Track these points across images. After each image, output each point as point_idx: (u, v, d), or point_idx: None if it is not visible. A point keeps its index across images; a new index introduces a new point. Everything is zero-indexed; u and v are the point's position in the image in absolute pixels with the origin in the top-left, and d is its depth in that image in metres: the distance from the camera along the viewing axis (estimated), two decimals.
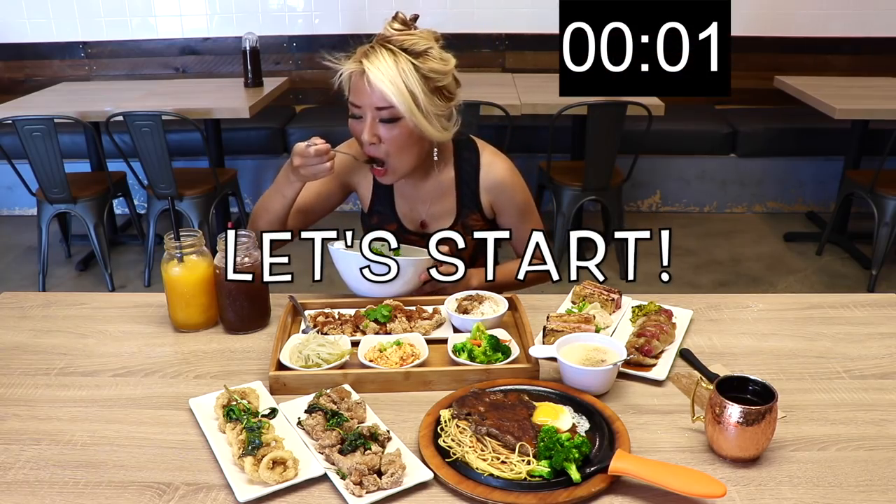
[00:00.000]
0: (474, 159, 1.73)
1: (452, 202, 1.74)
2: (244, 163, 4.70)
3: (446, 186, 1.73)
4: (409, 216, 1.76)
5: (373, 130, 1.54)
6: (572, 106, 3.50)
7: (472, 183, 1.72)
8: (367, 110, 1.53)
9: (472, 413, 1.16)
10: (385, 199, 1.77)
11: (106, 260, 3.76)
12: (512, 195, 1.74)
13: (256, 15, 4.95)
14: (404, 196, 1.76)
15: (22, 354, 1.45)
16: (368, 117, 1.53)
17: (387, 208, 1.77)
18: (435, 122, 1.56)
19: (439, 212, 1.75)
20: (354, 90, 1.54)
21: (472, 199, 1.73)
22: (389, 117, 1.52)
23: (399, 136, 1.54)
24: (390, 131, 1.54)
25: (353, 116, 1.57)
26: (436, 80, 1.54)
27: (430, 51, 1.53)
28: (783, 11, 4.81)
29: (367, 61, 1.50)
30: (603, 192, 3.77)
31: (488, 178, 1.72)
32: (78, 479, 1.09)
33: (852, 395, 1.29)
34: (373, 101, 1.51)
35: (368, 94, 1.51)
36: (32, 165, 3.51)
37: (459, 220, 1.74)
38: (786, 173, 4.71)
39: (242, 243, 1.50)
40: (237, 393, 1.23)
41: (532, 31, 4.85)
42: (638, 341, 1.39)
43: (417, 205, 1.75)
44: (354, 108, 1.56)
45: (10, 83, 4.97)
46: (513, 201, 1.75)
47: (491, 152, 1.75)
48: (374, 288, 1.54)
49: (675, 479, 1.02)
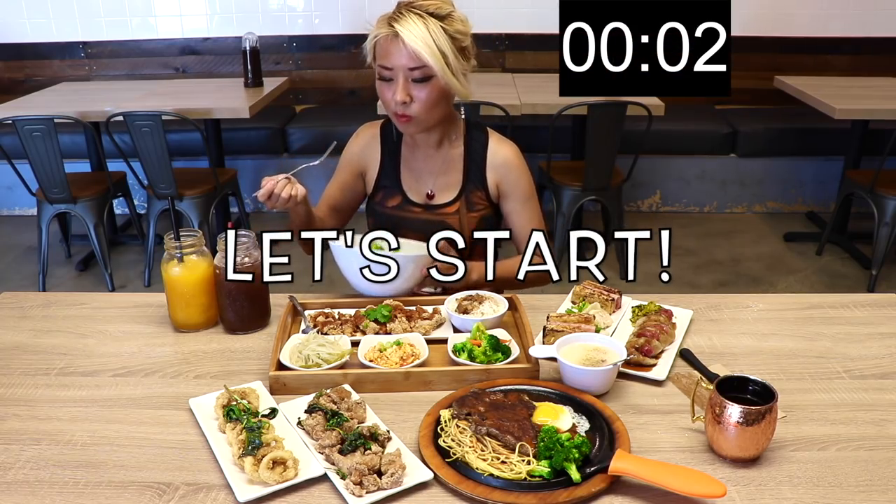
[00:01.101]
0: (483, 139, 1.78)
1: (459, 176, 1.77)
2: (244, 163, 4.70)
3: (455, 160, 1.78)
4: (415, 188, 1.80)
5: (406, 90, 1.59)
6: (572, 106, 3.50)
7: (480, 160, 1.77)
8: (398, 71, 1.58)
9: (472, 413, 1.16)
10: (391, 172, 1.80)
11: (106, 260, 3.76)
12: (517, 178, 1.78)
13: (256, 15, 4.95)
14: (412, 168, 1.80)
15: (22, 354, 1.45)
16: (401, 78, 1.58)
17: (392, 181, 1.80)
18: (462, 79, 1.63)
19: (445, 183, 1.78)
20: (384, 53, 1.59)
21: (478, 175, 1.77)
22: (422, 76, 1.58)
23: (430, 94, 1.60)
24: (422, 90, 1.59)
25: (383, 79, 1.61)
26: (460, 41, 1.60)
27: (453, 13, 1.60)
28: (783, 11, 4.81)
29: (398, 25, 1.55)
30: (603, 192, 3.77)
31: (496, 158, 1.77)
32: (78, 479, 1.09)
33: (852, 395, 1.29)
34: (405, 62, 1.56)
35: (400, 56, 1.56)
36: (32, 165, 3.51)
37: (464, 193, 1.77)
38: (786, 173, 4.71)
39: (242, 243, 1.51)
40: (237, 393, 1.23)
41: (532, 31, 4.85)
42: (638, 341, 1.39)
43: (424, 175, 1.79)
44: (385, 70, 1.60)
45: (10, 83, 4.97)
46: (518, 184, 1.78)
47: (499, 137, 1.81)
48: (374, 286, 1.54)
49: (675, 479, 1.02)
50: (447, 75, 1.58)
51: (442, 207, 1.77)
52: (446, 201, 1.77)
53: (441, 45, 1.55)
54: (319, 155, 1.85)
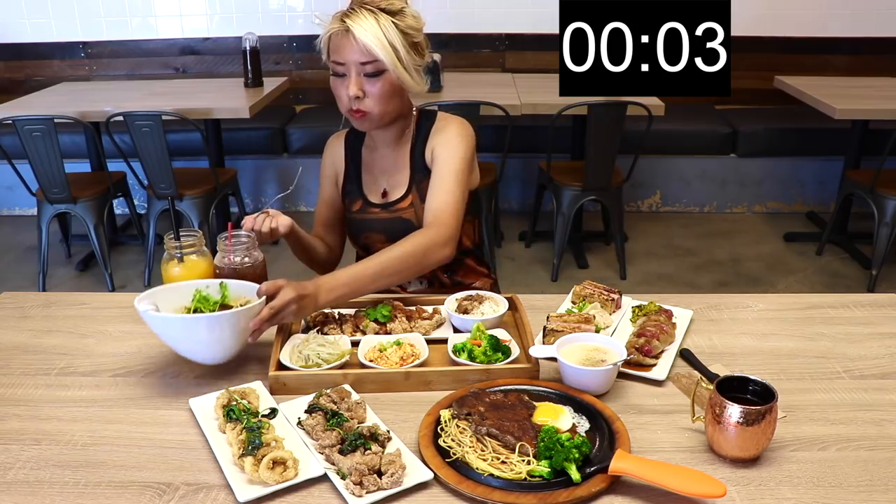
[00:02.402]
0: (430, 125, 1.76)
1: (407, 172, 1.76)
2: (244, 163, 4.70)
3: (402, 157, 1.77)
4: (374, 188, 1.81)
5: (358, 85, 1.59)
6: (572, 106, 3.50)
7: (422, 147, 1.75)
8: (350, 67, 1.59)
9: (472, 413, 1.16)
10: (353, 177, 1.82)
11: (106, 260, 3.76)
12: (447, 144, 1.68)
13: (256, 15, 4.95)
14: (369, 170, 1.81)
15: (22, 354, 1.45)
16: (353, 73, 1.59)
17: (354, 186, 1.81)
18: (414, 74, 1.63)
19: (398, 180, 1.78)
20: (336, 49, 1.60)
21: (420, 164, 1.74)
22: (373, 71, 1.58)
23: (382, 88, 1.60)
24: (374, 85, 1.59)
25: (336, 74, 1.62)
26: (412, 36, 1.61)
27: (405, 9, 1.61)
28: (783, 11, 4.81)
29: (349, 20, 1.56)
30: (603, 192, 3.77)
31: (434, 133, 1.74)
32: (78, 479, 1.09)
33: (852, 395, 1.29)
34: (357, 57, 1.57)
35: (352, 51, 1.57)
36: (32, 165, 3.51)
37: (413, 184, 1.75)
38: (786, 173, 4.71)
39: (242, 243, 1.51)
40: (237, 393, 1.23)
41: (532, 31, 4.85)
42: (638, 341, 1.39)
43: (379, 175, 1.80)
44: (337, 65, 1.61)
45: (10, 83, 4.97)
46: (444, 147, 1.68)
47: (448, 116, 1.78)
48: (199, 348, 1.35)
49: (675, 479, 1.02)
50: (398, 69, 1.58)
51: (396, 203, 1.76)
52: (398, 197, 1.76)
53: (392, 39, 1.56)
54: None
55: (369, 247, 1.79)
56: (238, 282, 1.42)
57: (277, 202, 1.51)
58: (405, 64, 1.59)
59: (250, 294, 1.39)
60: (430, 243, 1.55)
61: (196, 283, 1.42)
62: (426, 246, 1.55)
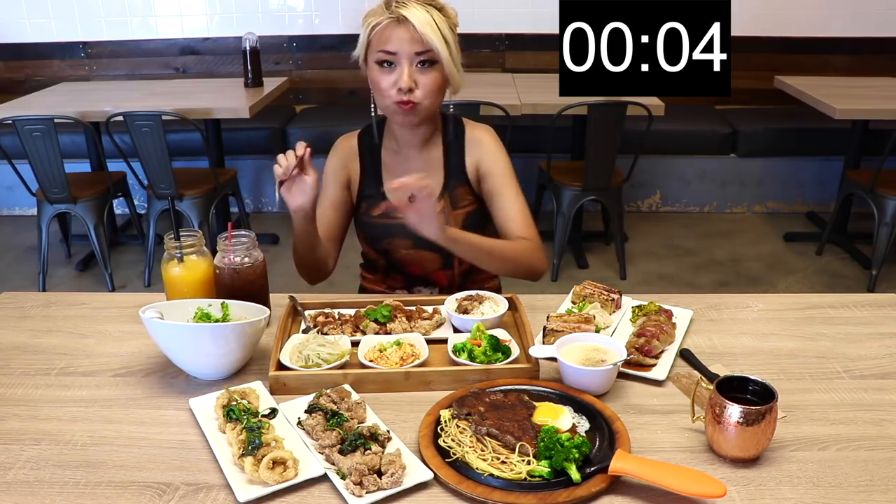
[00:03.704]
0: (460, 132, 1.75)
1: (441, 176, 1.74)
2: (244, 163, 4.70)
3: (435, 159, 1.74)
4: (398, 193, 1.70)
5: (412, 75, 1.56)
6: (572, 106, 3.50)
7: (459, 151, 1.74)
8: (403, 57, 1.55)
9: (472, 413, 1.16)
10: (373, 180, 1.76)
11: (106, 260, 3.76)
12: (494, 155, 1.73)
13: (256, 15, 4.95)
14: (394, 173, 1.74)
15: (22, 354, 1.45)
16: (405, 63, 1.56)
17: (374, 190, 1.76)
18: (461, 69, 1.62)
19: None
20: (386, 39, 1.56)
21: (458, 169, 1.73)
22: (428, 60, 1.56)
23: (434, 80, 1.58)
24: (427, 75, 1.57)
25: (383, 66, 1.58)
26: (455, 31, 1.60)
27: (447, 7, 1.60)
28: (783, 11, 4.81)
29: (403, 10, 1.53)
30: (603, 192, 3.77)
31: (472, 144, 1.74)
32: (78, 479, 1.09)
33: (852, 395, 1.29)
34: (412, 47, 1.54)
35: (407, 40, 1.54)
36: (32, 165, 3.51)
37: (447, 191, 1.73)
38: (786, 173, 4.72)
39: (242, 243, 1.51)
40: (237, 393, 1.23)
41: (532, 31, 4.85)
42: (638, 341, 1.39)
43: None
44: (388, 54, 1.56)
45: (10, 83, 4.97)
46: (496, 161, 1.73)
47: (474, 123, 1.78)
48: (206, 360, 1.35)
49: (675, 479, 1.02)
50: (450, 62, 1.57)
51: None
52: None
53: (444, 31, 1.55)
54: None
55: (391, 252, 1.74)
56: (240, 302, 1.42)
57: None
58: (454, 58, 1.59)
59: (251, 314, 1.39)
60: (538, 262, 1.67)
61: (198, 301, 1.42)
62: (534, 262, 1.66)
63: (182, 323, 1.37)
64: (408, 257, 1.76)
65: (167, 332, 1.32)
